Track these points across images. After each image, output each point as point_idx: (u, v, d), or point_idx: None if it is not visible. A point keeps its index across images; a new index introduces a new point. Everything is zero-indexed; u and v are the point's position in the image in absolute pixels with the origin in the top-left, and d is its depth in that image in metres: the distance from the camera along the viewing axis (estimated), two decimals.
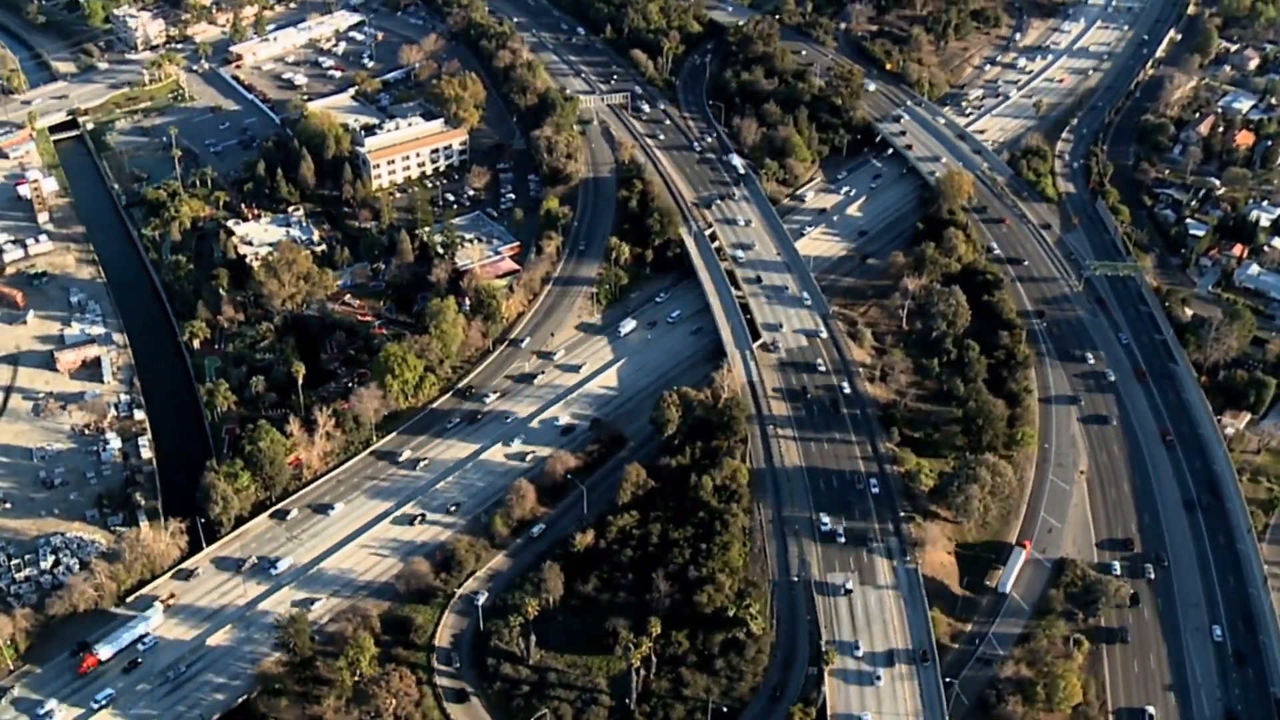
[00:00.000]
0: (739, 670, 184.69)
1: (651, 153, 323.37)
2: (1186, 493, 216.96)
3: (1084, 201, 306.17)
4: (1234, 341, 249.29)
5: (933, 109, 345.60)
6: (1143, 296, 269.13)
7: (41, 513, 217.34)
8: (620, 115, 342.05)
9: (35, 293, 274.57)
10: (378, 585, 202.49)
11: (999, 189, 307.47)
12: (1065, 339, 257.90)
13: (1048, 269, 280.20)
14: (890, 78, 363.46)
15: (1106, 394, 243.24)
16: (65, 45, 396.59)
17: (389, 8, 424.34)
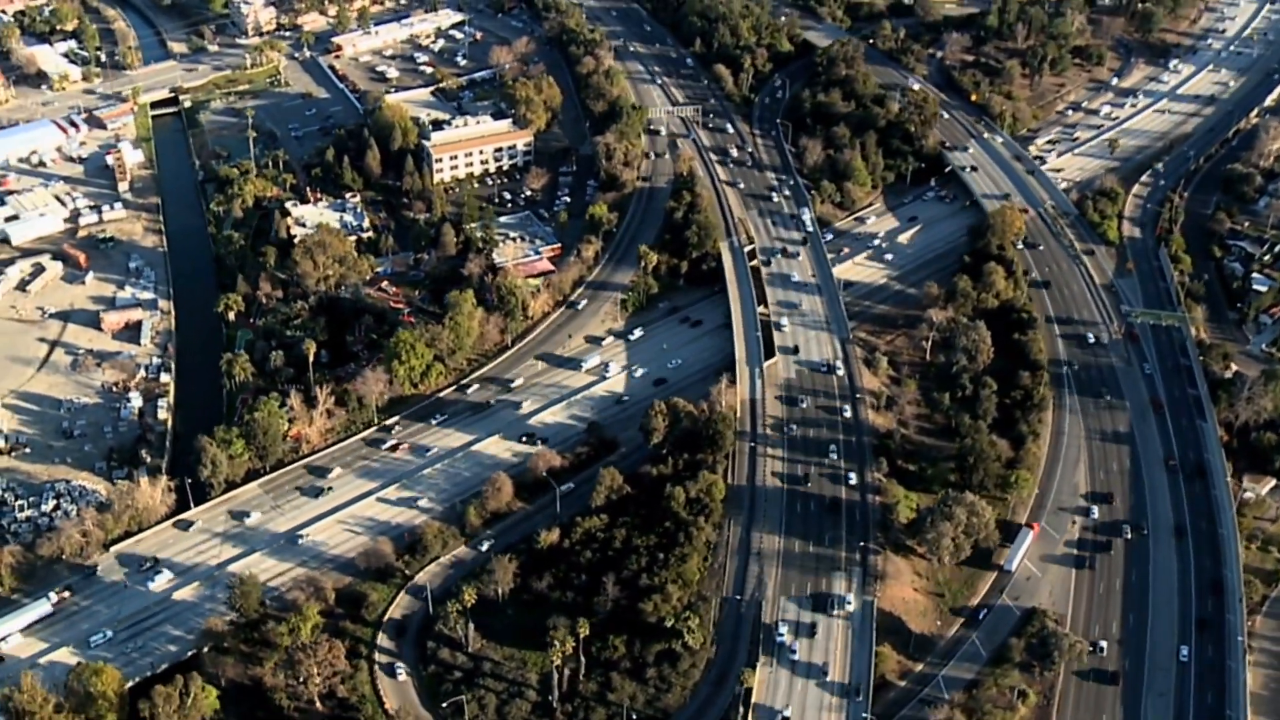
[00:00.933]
0: (669, 681, 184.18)
1: (711, 167, 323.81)
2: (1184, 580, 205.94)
3: (1148, 248, 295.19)
4: (1268, 402, 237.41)
5: (1010, 143, 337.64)
6: (1185, 349, 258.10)
7: (55, 460, 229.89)
8: (690, 128, 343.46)
9: (100, 256, 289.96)
10: (344, 560, 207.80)
11: (1058, 228, 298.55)
12: (1092, 385, 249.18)
13: (1090, 312, 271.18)
14: (974, 109, 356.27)
15: (1122, 445, 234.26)
16: (184, 26, 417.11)
17: (493, 9, 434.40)
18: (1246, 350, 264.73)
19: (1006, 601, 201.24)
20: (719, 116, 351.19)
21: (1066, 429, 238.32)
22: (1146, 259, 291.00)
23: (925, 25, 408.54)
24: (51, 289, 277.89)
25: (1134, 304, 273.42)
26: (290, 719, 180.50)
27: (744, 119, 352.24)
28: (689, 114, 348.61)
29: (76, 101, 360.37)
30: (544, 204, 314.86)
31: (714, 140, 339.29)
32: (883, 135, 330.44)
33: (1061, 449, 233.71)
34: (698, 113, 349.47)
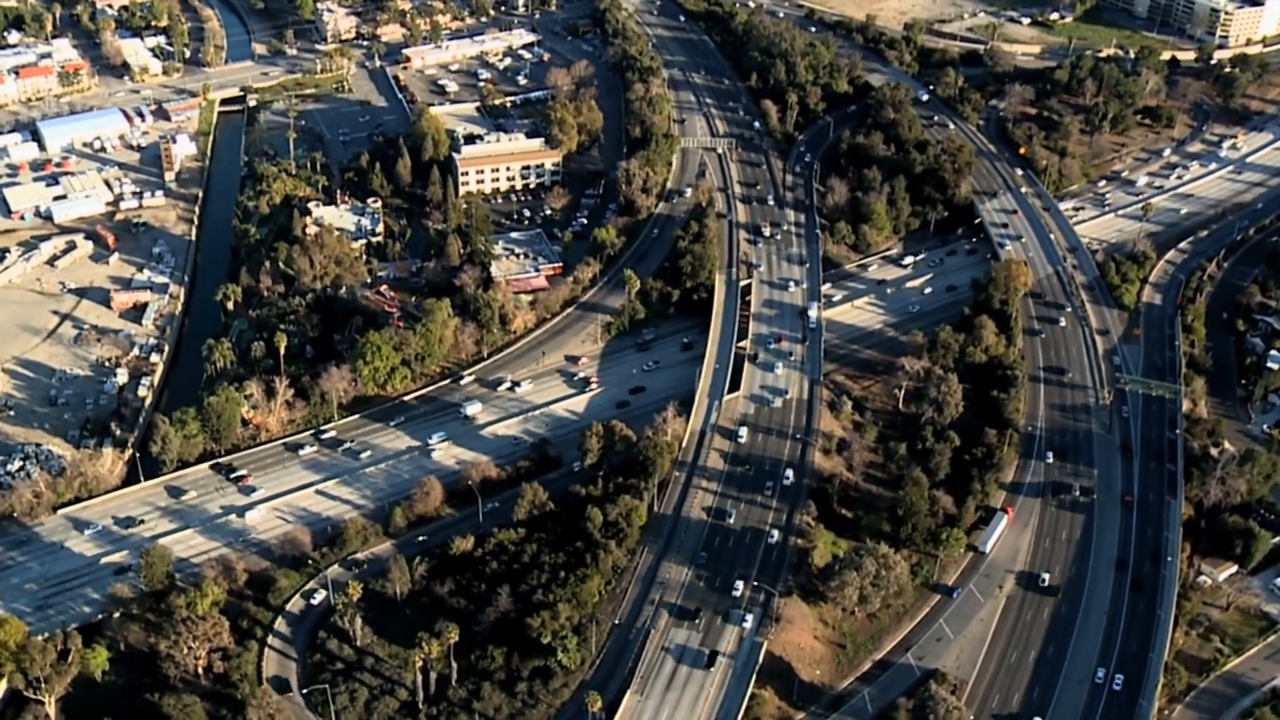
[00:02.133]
0: (537, 698, 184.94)
1: (732, 199, 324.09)
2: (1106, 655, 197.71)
3: (1164, 315, 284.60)
4: (1242, 484, 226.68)
5: (1047, 198, 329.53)
6: (1175, 422, 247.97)
7: (35, 424, 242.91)
8: (722, 160, 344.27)
9: (129, 238, 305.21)
10: (266, 545, 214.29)
11: (1072, 287, 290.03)
12: (1063, 450, 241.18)
13: (1081, 376, 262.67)
14: (1020, 162, 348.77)
15: (1078, 514, 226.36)
16: (271, 29, 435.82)
17: (568, 33, 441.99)
18: (1246, 429, 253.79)
19: (910, 660, 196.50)
20: (755, 151, 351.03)
21: (1023, 492, 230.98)
22: (1159, 326, 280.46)
23: (993, 75, 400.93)
24: (78, 266, 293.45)
25: (1133, 370, 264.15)
26: (173, 687, 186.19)
27: (781, 155, 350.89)
28: (723, 146, 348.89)
29: (150, 93, 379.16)
30: (561, 224, 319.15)
31: (743, 174, 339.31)
32: (916, 181, 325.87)
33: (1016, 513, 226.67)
34: (732, 145, 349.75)
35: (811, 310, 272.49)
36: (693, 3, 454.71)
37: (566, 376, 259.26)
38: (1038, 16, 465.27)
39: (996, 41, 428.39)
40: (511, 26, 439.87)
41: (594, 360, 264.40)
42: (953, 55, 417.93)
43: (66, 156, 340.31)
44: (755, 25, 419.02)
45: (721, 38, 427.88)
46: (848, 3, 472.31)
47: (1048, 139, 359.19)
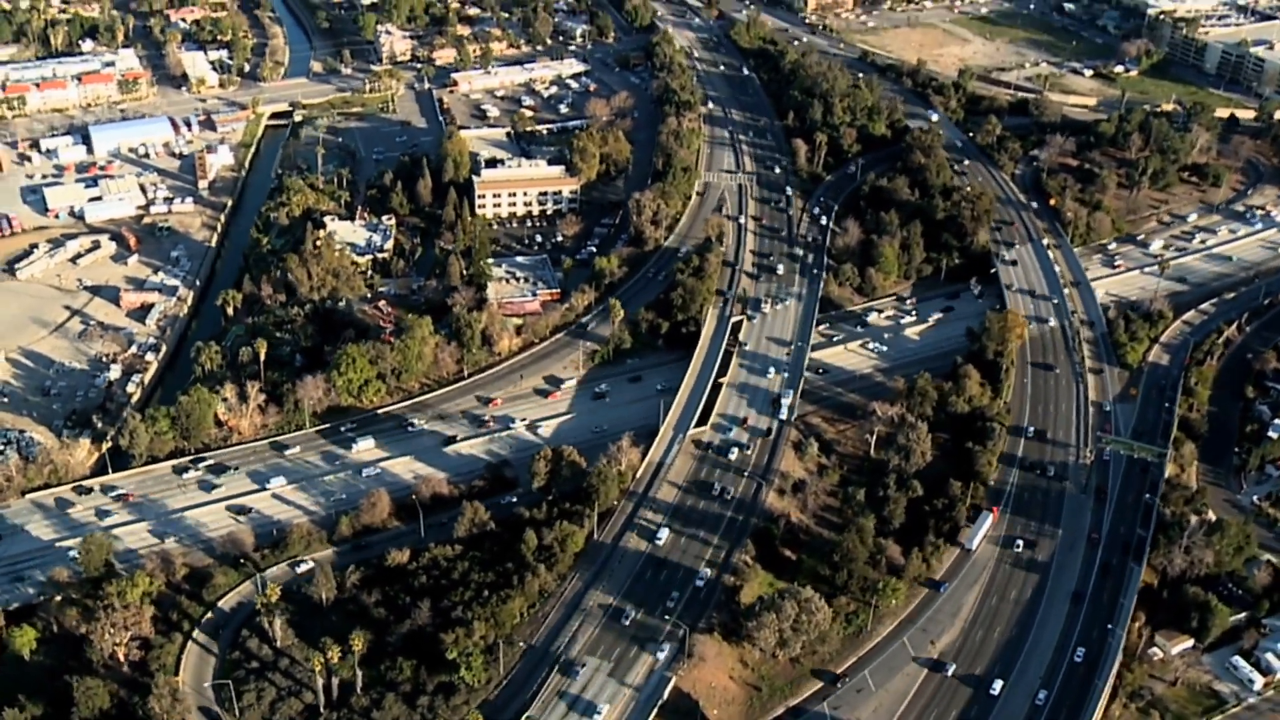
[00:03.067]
0: (436, 712, 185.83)
1: (743, 234, 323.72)
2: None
3: (1168, 377, 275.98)
4: (1209, 555, 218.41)
5: (1068, 250, 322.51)
6: (1156, 486, 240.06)
7: (23, 412, 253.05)
8: (742, 196, 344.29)
9: (152, 241, 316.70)
10: (215, 542, 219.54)
11: (1075, 342, 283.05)
12: (1029, 508, 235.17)
13: (1065, 433, 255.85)
14: (1049, 213, 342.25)
15: (1031, 573, 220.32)
16: (332, 48, 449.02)
17: (619, 64, 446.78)
18: (1235, 499, 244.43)
19: (825, 709, 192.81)
20: (777, 189, 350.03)
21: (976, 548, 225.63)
22: (1160, 388, 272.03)
23: (1038, 125, 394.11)
24: (99, 265, 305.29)
25: (1123, 431, 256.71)
26: (94, 671, 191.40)
27: (804, 195, 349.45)
28: (744, 182, 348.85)
29: (202, 104, 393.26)
30: (571, 251, 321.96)
31: (760, 210, 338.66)
32: (936, 227, 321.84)
33: (964, 567, 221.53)
34: (753, 182, 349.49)
35: (785, 399, 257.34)
36: (747, 40, 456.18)
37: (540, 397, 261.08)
38: (1101, 69, 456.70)
39: (1049, 91, 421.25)
40: (563, 56, 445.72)
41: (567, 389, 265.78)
42: (1001, 103, 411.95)
43: (111, 160, 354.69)
44: (802, 65, 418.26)
45: (769, 76, 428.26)
46: (909, 48, 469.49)
47: (1083, 191, 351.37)
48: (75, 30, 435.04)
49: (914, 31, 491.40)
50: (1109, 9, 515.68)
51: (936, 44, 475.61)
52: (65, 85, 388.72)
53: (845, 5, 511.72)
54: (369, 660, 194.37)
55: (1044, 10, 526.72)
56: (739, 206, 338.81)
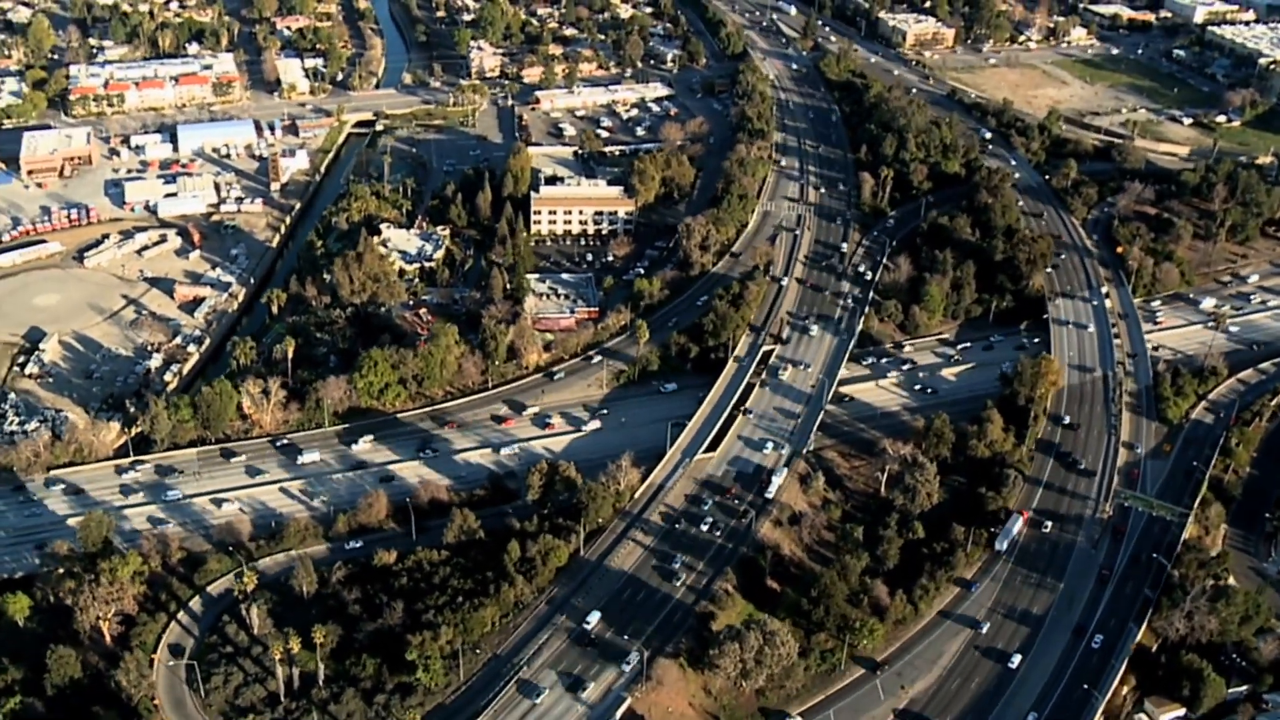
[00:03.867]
0: (391, 710, 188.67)
1: (792, 265, 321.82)
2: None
3: (1210, 435, 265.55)
4: (1212, 623, 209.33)
5: (1127, 300, 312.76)
6: (1173, 546, 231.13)
7: (64, 392, 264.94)
8: (799, 227, 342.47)
9: (216, 238, 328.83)
10: (217, 529, 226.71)
11: (1115, 394, 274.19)
12: (1034, 560, 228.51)
13: (1088, 485, 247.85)
14: (1115, 261, 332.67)
15: (1022, 627, 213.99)
16: (426, 61, 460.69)
17: (705, 90, 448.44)
18: (1260, 567, 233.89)
19: None
20: (836, 222, 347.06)
21: (974, 596, 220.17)
22: (1198, 445, 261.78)
23: (1121, 171, 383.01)
24: (162, 258, 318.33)
25: (1150, 487, 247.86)
26: (79, 642, 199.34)
27: (863, 228, 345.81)
28: (804, 213, 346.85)
29: (287, 110, 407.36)
30: (620, 271, 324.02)
31: (814, 242, 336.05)
32: (993, 268, 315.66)
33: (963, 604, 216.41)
34: (813, 213, 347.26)
35: (775, 479, 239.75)
36: (835, 73, 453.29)
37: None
38: (1202, 118, 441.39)
39: (1141, 138, 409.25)
40: (649, 79, 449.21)
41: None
42: (1086, 148, 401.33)
43: (193, 159, 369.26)
44: (884, 98, 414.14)
45: (851, 109, 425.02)
46: (1003, 88, 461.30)
47: (1155, 240, 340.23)
48: (183, 34, 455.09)
49: (1012, 71, 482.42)
50: (1220, 57, 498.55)
51: (1033, 85, 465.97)
52: (163, 85, 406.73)
53: (946, 41, 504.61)
54: (339, 655, 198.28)
55: (1152, 56, 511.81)
56: (794, 237, 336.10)
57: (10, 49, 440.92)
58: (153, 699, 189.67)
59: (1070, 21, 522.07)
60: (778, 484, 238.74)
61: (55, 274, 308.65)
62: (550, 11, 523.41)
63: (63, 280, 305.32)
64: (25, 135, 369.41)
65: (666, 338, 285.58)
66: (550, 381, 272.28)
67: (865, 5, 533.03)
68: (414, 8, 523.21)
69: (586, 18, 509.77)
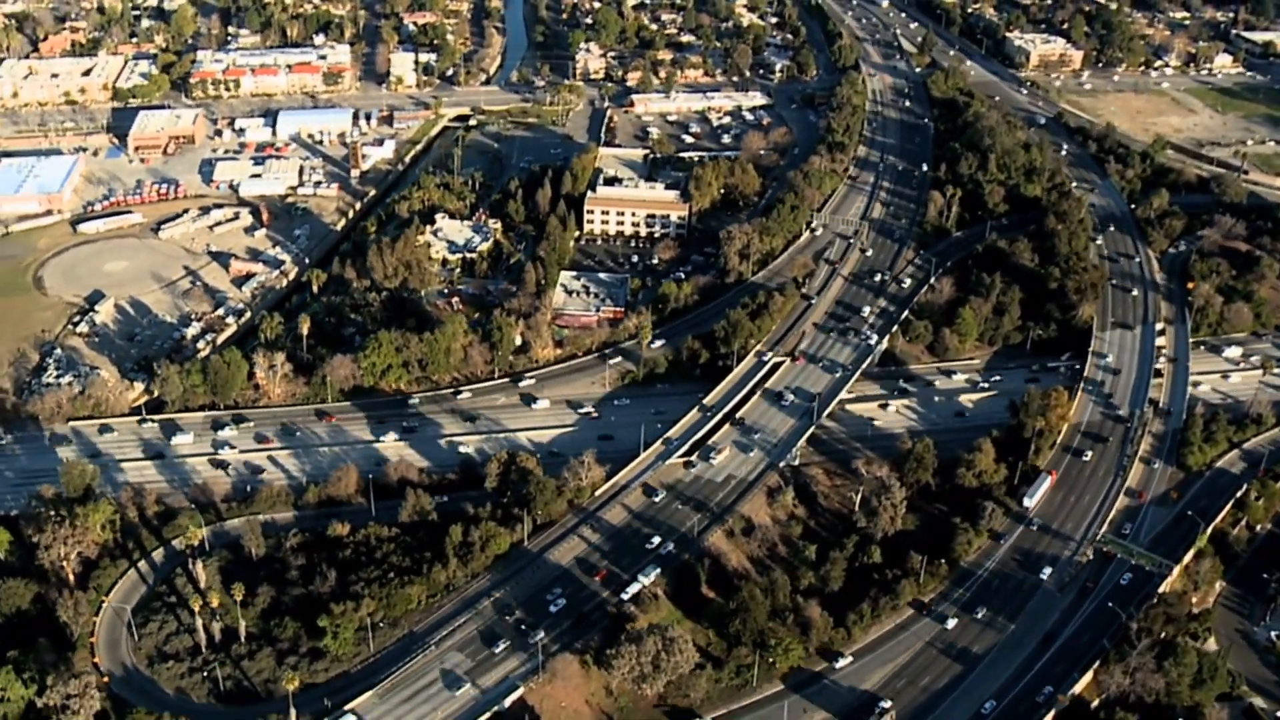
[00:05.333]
0: (297, 670, 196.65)
1: (833, 278, 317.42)
2: None
3: (1231, 487, 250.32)
4: (1157, 683, 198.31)
5: (1182, 339, 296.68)
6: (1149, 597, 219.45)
7: (105, 351, 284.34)
8: (851, 240, 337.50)
9: (286, 218, 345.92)
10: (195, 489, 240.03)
11: (1135, 433, 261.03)
12: (989, 598, 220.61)
13: (1075, 525, 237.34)
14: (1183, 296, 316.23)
15: (958, 663, 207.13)
16: (537, 61, 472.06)
17: (804, 103, 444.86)
18: (1249, 630, 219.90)
19: None
20: (893, 238, 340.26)
21: (914, 628, 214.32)
22: (1212, 497, 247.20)
23: (1220, 204, 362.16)
24: (231, 234, 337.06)
25: (1143, 534, 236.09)
26: (42, 575, 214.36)
27: (921, 246, 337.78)
28: (861, 228, 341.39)
29: (388, 101, 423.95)
30: (662, 274, 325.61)
31: (865, 258, 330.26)
32: (1046, 296, 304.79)
33: (888, 645, 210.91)
34: (871, 229, 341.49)
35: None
36: (941, 90, 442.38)
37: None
38: None
39: (1253, 170, 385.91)
40: (749, 88, 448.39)
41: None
42: (1189, 178, 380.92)
43: (288, 143, 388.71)
44: (979, 116, 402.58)
45: (946, 127, 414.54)
46: (1122, 114, 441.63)
47: (1236, 279, 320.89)
48: (312, 25, 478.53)
49: (1138, 97, 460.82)
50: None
51: (1156, 112, 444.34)
52: (276, 73, 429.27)
53: (1073, 64, 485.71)
54: (269, 615, 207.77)
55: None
56: (844, 251, 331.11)
57: (155, 34, 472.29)
58: (90, 635, 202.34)
59: (1212, 48, 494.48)
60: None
61: (131, 243, 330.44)
62: (674, 18, 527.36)
63: (136, 249, 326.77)
64: (140, 114, 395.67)
65: (682, 342, 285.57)
66: (515, 386, 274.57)
67: (996, 23, 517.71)
68: (542, 8, 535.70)
69: (708, 24, 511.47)
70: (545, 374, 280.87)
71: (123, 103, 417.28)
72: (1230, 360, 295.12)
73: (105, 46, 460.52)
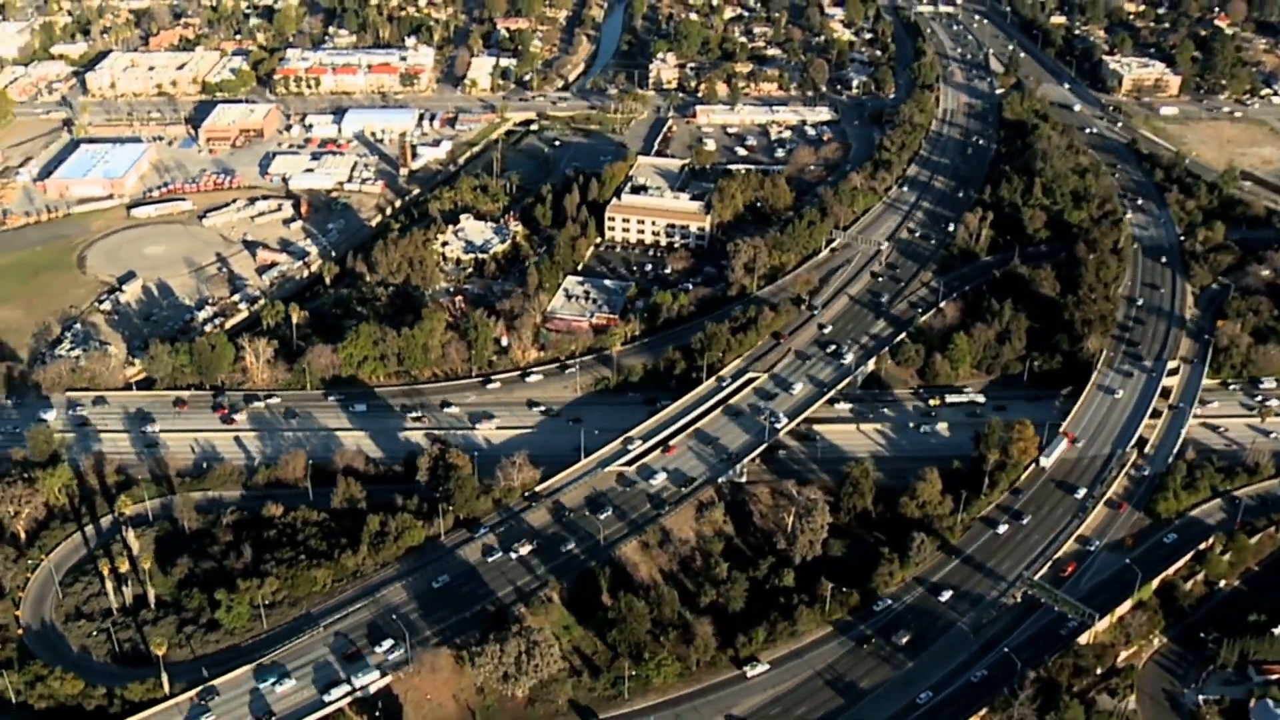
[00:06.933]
0: (191, 639, 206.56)
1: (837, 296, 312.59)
2: None
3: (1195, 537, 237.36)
4: None
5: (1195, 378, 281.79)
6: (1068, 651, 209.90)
7: (119, 329, 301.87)
8: (871, 261, 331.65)
9: (324, 210, 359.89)
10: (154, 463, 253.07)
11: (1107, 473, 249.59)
12: (895, 629, 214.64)
13: (1009, 566, 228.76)
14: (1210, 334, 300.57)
15: (838, 697, 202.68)
16: (618, 68, 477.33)
17: (872, 119, 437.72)
18: (1180, 694, 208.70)
19: None
20: (917, 260, 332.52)
21: (807, 656, 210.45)
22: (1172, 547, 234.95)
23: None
24: (270, 225, 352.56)
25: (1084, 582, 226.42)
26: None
27: (943, 269, 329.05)
28: (884, 248, 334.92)
29: (455, 104, 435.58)
30: (672, 284, 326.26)
31: (879, 278, 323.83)
32: (1057, 327, 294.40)
33: (781, 668, 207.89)
34: (890, 248, 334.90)
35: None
36: (1015, 112, 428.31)
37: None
38: None
39: None
40: (816, 103, 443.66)
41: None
42: (1258, 211, 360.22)
43: (349, 140, 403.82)
44: (1042, 138, 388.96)
45: (1007, 149, 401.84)
46: (1208, 143, 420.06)
47: (1277, 319, 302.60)
48: (405, 27, 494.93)
49: (1230, 126, 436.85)
50: None
51: (1249, 142, 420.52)
52: (356, 72, 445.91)
53: (1169, 89, 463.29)
54: (184, 585, 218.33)
55: None
56: (857, 271, 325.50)
57: (258, 31, 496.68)
58: (20, 590, 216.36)
59: None
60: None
61: (176, 229, 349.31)
62: (765, 30, 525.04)
63: (177, 235, 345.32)
64: (217, 107, 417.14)
65: (662, 352, 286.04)
66: (484, 387, 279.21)
67: (1094, 45, 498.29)
68: (638, 18, 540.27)
69: (798, 39, 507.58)
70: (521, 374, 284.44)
71: (210, 96, 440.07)
72: (1245, 406, 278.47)
73: (207, 42, 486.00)
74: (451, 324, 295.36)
